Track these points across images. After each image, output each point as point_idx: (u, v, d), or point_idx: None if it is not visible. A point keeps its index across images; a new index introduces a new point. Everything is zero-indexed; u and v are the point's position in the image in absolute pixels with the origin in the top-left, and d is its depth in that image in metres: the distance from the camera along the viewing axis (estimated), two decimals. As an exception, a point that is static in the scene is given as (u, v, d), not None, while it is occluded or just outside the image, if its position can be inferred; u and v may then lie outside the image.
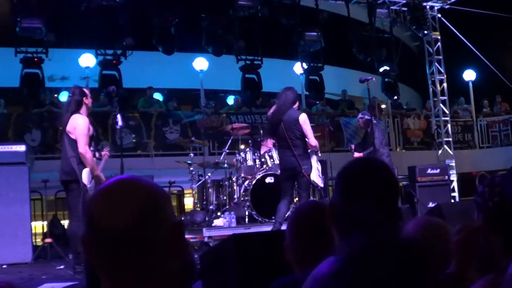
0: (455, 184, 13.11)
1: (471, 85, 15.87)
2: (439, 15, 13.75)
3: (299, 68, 13.03)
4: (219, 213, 8.71)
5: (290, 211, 6.98)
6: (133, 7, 10.75)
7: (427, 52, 13.88)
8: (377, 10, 12.54)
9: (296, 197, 7.58)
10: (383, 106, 15.42)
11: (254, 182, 8.47)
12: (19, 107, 12.98)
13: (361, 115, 9.50)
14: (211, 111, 13.03)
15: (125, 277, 1.13)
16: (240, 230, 7.59)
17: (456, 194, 12.88)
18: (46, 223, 10.11)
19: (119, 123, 6.52)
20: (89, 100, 6.41)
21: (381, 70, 12.56)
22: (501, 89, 15.98)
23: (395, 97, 13.18)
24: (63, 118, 6.31)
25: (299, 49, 12.11)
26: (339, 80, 17.15)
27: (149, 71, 15.94)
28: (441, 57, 13.74)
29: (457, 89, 16.18)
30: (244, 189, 8.63)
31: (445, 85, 13.79)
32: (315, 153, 7.28)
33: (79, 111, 6.27)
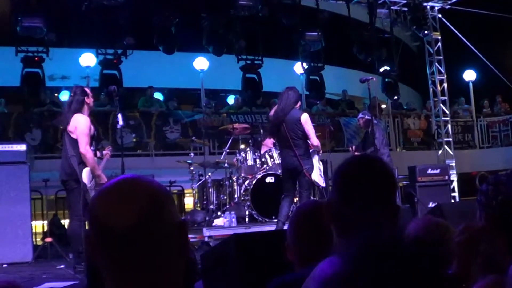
0: (455, 184, 13.10)
1: (471, 85, 15.88)
2: (440, 15, 13.75)
3: (299, 68, 13.01)
4: (219, 213, 8.71)
5: (291, 210, 6.98)
6: (134, 7, 10.76)
7: (427, 52, 13.87)
8: (378, 10, 12.54)
9: (297, 197, 7.57)
10: (383, 106, 15.43)
11: (254, 181, 8.47)
12: (19, 106, 12.99)
13: (361, 115, 9.50)
14: (212, 110, 13.02)
15: (129, 276, 1.12)
16: (240, 229, 7.54)
17: (456, 194, 12.86)
18: (46, 222, 10.12)
19: (120, 122, 6.51)
20: (90, 99, 6.40)
21: (382, 70, 12.54)
22: (501, 89, 15.97)
23: (396, 97, 13.18)
24: (65, 117, 6.30)
25: (300, 49, 12.11)
26: (340, 80, 17.13)
27: (150, 71, 15.93)
28: (441, 57, 13.73)
29: (457, 89, 16.18)
30: (244, 188, 8.63)
31: (445, 85, 13.78)
32: (316, 153, 7.28)
33: (81, 111, 6.26)
